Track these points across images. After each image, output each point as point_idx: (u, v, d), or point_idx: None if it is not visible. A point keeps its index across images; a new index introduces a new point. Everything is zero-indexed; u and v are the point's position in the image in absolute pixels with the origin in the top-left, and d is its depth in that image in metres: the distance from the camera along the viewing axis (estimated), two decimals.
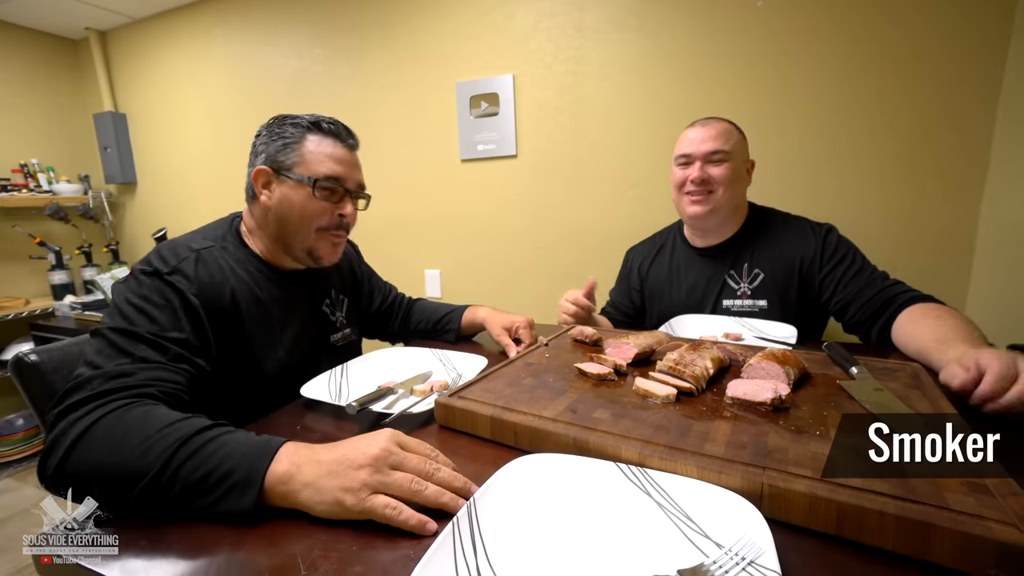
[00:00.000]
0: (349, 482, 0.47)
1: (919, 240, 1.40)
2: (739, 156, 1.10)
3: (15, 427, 2.38)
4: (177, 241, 0.81)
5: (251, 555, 0.44)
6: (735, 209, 1.14)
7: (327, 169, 0.85)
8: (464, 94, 1.89)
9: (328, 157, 0.85)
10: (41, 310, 2.46)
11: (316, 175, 0.84)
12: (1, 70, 2.56)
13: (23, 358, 0.79)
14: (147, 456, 0.51)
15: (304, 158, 0.84)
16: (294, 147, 0.84)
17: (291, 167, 0.84)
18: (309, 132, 0.86)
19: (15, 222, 2.56)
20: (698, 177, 1.08)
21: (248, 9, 2.29)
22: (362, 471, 0.47)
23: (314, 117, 0.87)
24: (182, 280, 0.73)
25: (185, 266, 0.75)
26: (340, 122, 0.90)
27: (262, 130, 0.88)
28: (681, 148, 1.13)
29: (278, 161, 0.84)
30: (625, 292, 1.34)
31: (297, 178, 0.83)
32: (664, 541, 0.42)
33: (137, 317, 0.68)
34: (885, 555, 0.40)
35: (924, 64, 1.32)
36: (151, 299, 0.70)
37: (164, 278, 0.72)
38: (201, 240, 0.83)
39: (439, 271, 2.10)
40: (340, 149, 0.88)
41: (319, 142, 0.86)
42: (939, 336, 0.80)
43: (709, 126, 1.10)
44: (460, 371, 0.87)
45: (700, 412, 0.60)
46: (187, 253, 0.77)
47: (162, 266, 0.73)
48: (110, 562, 0.44)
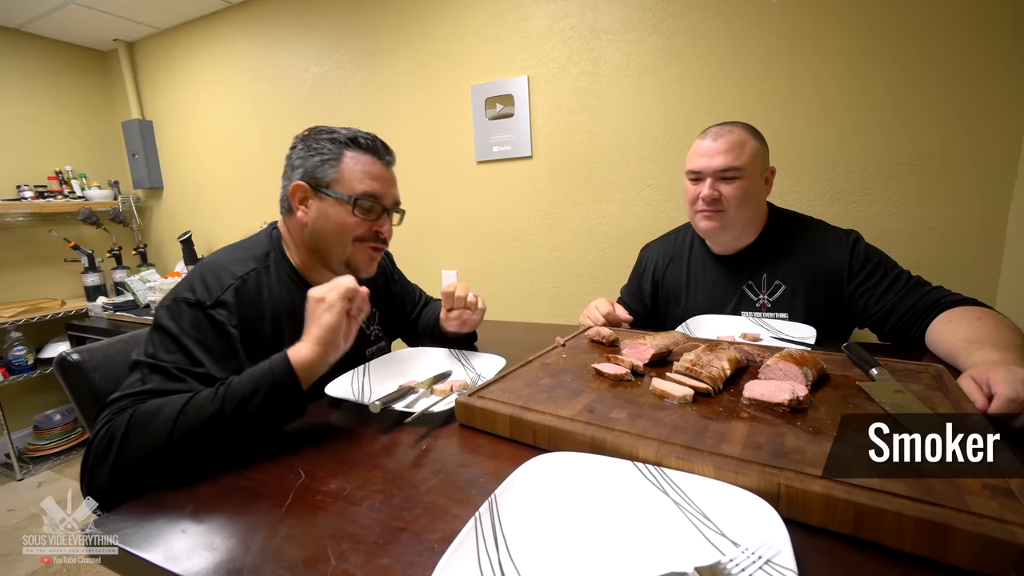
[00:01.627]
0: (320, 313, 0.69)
1: (943, 235, 1.37)
2: (755, 169, 1.03)
3: (53, 422, 2.49)
4: (221, 262, 0.82)
5: (284, 545, 0.46)
6: (747, 224, 1.08)
7: (365, 187, 0.85)
8: (479, 96, 1.90)
9: (366, 174, 0.85)
10: (76, 311, 2.56)
11: (355, 192, 0.84)
12: (37, 82, 2.67)
13: (66, 357, 0.83)
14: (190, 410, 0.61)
15: (342, 175, 0.84)
16: (332, 163, 0.84)
17: (329, 183, 0.84)
18: (347, 148, 0.85)
19: (51, 227, 2.67)
20: (708, 196, 1.03)
21: (268, 17, 2.35)
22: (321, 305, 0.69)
23: (351, 132, 0.87)
24: (222, 312, 0.75)
25: (228, 296, 0.77)
26: (378, 138, 0.89)
27: (297, 143, 0.88)
28: (692, 163, 1.07)
29: (316, 177, 0.84)
30: (637, 293, 1.31)
31: (336, 195, 0.84)
32: (681, 539, 0.43)
33: (170, 347, 0.71)
34: (903, 556, 0.40)
35: (955, 51, 1.29)
36: (188, 332, 0.72)
37: (206, 311, 0.74)
38: (244, 262, 0.83)
39: (455, 272, 2.13)
40: (378, 166, 0.88)
41: (357, 159, 0.86)
42: (970, 337, 0.78)
43: (721, 138, 1.03)
44: (479, 371, 0.89)
45: (717, 413, 0.61)
46: (230, 280, 0.79)
47: (205, 297, 0.75)
48: (154, 548, 0.47)
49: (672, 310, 1.23)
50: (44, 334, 2.62)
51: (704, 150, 1.05)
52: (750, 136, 1.04)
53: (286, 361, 0.66)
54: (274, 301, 0.83)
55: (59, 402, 2.68)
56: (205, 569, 0.44)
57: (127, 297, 2.59)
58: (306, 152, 0.86)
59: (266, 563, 0.44)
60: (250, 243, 0.90)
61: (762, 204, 1.10)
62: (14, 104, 2.59)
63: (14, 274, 2.61)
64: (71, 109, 2.82)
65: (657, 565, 0.40)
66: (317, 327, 0.68)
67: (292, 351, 0.67)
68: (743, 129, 1.05)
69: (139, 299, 2.48)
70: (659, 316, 1.28)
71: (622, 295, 1.37)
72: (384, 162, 0.89)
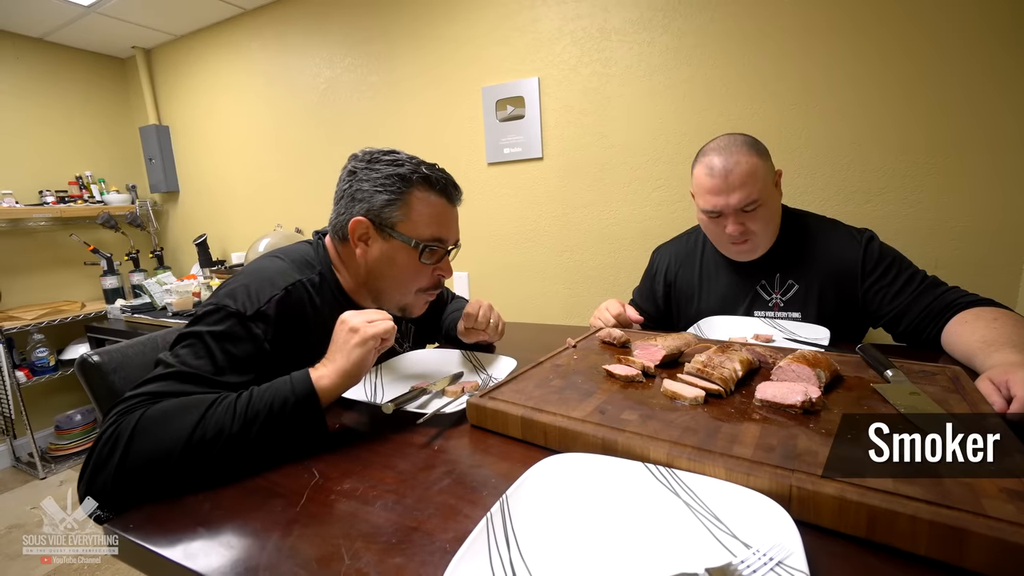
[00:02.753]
0: (351, 344, 0.68)
1: (961, 234, 1.35)
2: (769, 188, 1.00)
3: (74, 422, 2.54)
4: (268, 268, 0.79)
5: (298, 544, 0.47)
6: (774, 234, 1.07)
7: (433, 231, 0.81)
8: (490, 98, 1.91)
9: (436, 218, 0.82)
10: (95, 313, 2.62)
11: (422, 238, 0.80)
12: (58, 89, 2.74)
13: (87, 359, 0.86)
14: (208, 423, 0.59)
15: (411, 216, 0.80)
16: (400, 203, 0.79)
17: (395, 224, 0.80)
18: (417, 188, 0.80)
19: (72, 231, 2.73)
20: (736, 232, 1.01)
21: (282, 22, 2.39)
22: (348, 334, 0.68)
23: (417, 167, 0.81)
24: (260, 325, 0.72)
25: (269, 309, 0.74)
26: (447, 173, 0.85)
27: (358, 169, 0.81)
28: (707, 202, 1.01)
29: (381, 216, 0.79)
30: (649, 295, 1.30)
31: (402, 239, 0.80)
32: (692, 540, 0.43)
33: (200, 352, 0.69)
34: (918, 560, 0.40)
35: (971, 50, 1.27)
36: (222, 344, 0.70)
37: (245, 323, 0.71)
38: (293, 271, 0.80)
39: (467, 274, 2.14)
40: (447, 207, 0.84)
41: (426, 199, 0.81)
42: (988, 339, 0.77)
43: (731, 173, 0.97)
44: (491, 372, 0.90)
45: (728, 414, 0.61)
46: (274, 292, 0.75)
47: (247, 306, 0.72)
48: (173, 545, 0.48)
49: (685, 311, 1.23)
50: (65, 336, 2.68)
51: (716, 188, 0.99)
52: (756, 158, 0.99)
53: (308, 383, 0.64)
54: (319, 317, 0.80)
55: (80, 402, 2.74)
56: (222, 566, 0.45)
57: (144, 299, 2.64)
58: (372, 186, 0.79)
59: (281, 561, 0.45)
60: (296, 253, 0.86)
61: (780, 211, 1.09)
62: (37, 111, 2.67)
63: (36, 277, 2.67)
64: (91, 115, 2.89)
65: (668, 566, 0.40)
66: (345, 359, 0.67)
67: (314, 374, 0.66)
68: (746, 153, 0.98)
69: (156, 301, 2.53)
70: (672, 317, 1.28)
71: (634, 297, 1.37)
72: (452, 203, 0.85)
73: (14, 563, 1.78)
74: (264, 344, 0.73)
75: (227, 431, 0.59)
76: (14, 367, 2.35)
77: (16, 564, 1.77)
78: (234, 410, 0.61)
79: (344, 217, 0.82)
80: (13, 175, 2.58)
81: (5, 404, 2.37)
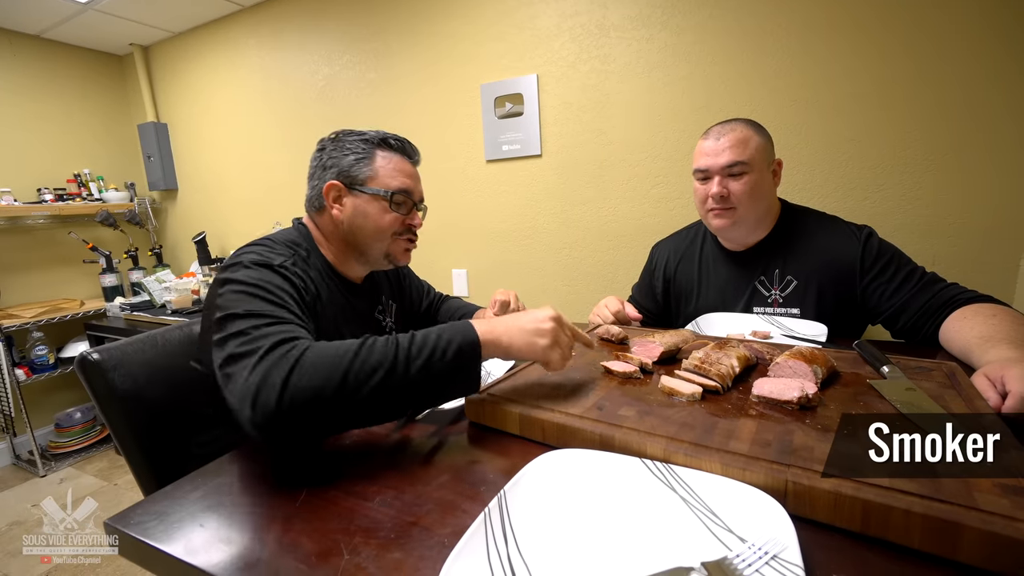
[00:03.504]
0: (541, 329, 0.67)
1: (959, 231, 1.35)
2: (761, 162, 1.03)
3: (74, 420, 2.55)
4: (262, 247, 0.82)
5: (298, 539, 0.47)
6: (760, 219, 1.08)
7: (399, 183, 0.90)
8: (489, 95, 1.91)
9: (398, 171, 0.91)
10: (95, 311, 2.62)
11: (390, 188, 0.89)
12: (56, 87, 2.73)
13: (87, 356, 0.86)
14: (370, 359, 0.58)
15: (377, 173, 0.89)
16: (366, 162, 0.89)
17: (364, 181, 0.89)
18: (379, 148, 0.90)
19: (71, 229, 2.73)
20: (717, 193, 1.03)
21: (280, 20, 2.38)
22: (548, 324, 0.67)
23: (380, 134, 0.92)
24: (288, 273, 0.76)
25: (288, 263, 0.78)
26: (406, 139, 0.94)
27: (326, 144, 0.92)
28: (698, 162, 1.07)
29: (351, 176, 0.88)
30: (648, 292, 1.31)
31: (372, 192, 0.88)
32: (688, 534, 0.43)
33: (260, 292, 0.69)
34: (911, 553, 0.40)
35: (971, 50, 1.27)
36: (269, 280, 0.72)
37: (275, 269, 0.75)
38: (284, 249, 0.84)
39: (466, 271, 2.14)
40: (408, 164, 0.93)
41: (388, 158, 0.90)
42: (985, 335, 0.77)
43: (724, 136, 1.03)
44: (488, 369, 0.90)
45: (726, 410, 0.61)
46: (280, 257, 0.79)
47: (272, 258, 0.77)
48: (174, 541, 0.48)
49: (684, 307, 1.23)
50: (64, 334, 2.68)
51: (709, 149, 1.05)
52: (753, 131, 1.04)
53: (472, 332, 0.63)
54: (311, 279, 0.83)
55: (79, 400, 2.74)
56: (222, 562, 0.45)
57: (143, 297, 2.64)
58: (338, 152, 0.89)
59: (281, 556, 0.45)
60: (281, 236, 0.90)
61: (772, 197, 1.09)
62: (35, 109, 2.66)
63: (35, 275, 2.67)
64: (89, 113, 2.88)
65: (664, 560, 0.40)
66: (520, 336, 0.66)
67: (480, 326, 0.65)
68: (745, 125, 1.05)
69: (155, 299, 2.53)
70: (671, 313, 1.29)
71: (633, 293, 1.37)
72: (413, 161, 0.95)
73: (15, 560, 1.78)
74: (299, 285, 0.76)
75: (387, 363, 0.58)
76: (14, 365, 2.35)
77: (17, 561, 1.78)
78: (396, 345, 0.60)
79: (317, 186, 0.91)
80: (11, 173, 2.57)
81: (5, 402, 2.37)
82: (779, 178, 1.10)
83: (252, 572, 0.44)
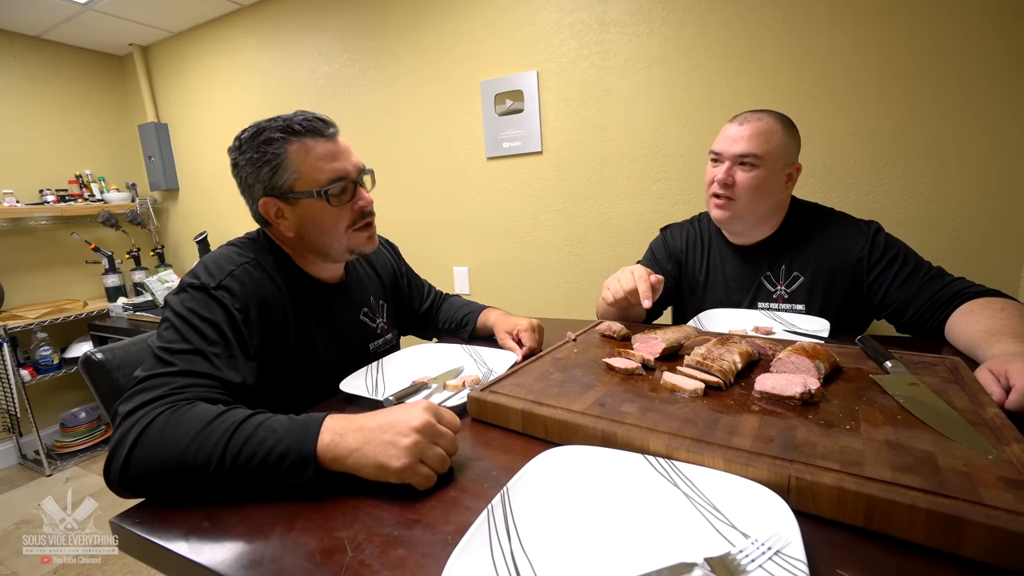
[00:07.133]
0: (395, 449, 0.52)
1: (963, 224, 1.35)
2: (776, 160, 1.01)
3: (79, 419, 2.56)
4: (220, 254, 0.83)
5: (302, 537, 0.47)
6: (761, 217, 1.07)
7: (328, 172, 0.81)
8: (489, 92, 1.91)
9: (320, 159, 0.81)
10: (98, 311, 2.63)
11: (321, 183, 0.81)
12: (56, 88, 2.73)
13: (91, 356, 0.86)
14: (201, 451, 0.55)
15: (300, 171, 0.80)
16: (283, 166, 0.80)
17: (292, 187, 0.81)
18: (288, 143, 0.80)
19: (73, 230, 2.73)
20: (722, 180, 1.02)
21: (279, 18, 2.37)
22: (407, 439, 0.52)
23: (284, 122, 0.81)
24: (226, 296, 0.75)
25: (230, 282, 0.76)
26: (312, 114, 0.83)
27: (238, 159, 0.83)
28: (716, 144, 1.06)
29: (277, 187, 0.81)
30: (657, 271, 1.17)
31: (305, 195, 0.81)
32: (691, 530, 0.43)
33: (184, 329, 0.70)
34: (916, 548, 0.40)
35: (972, 47, 1.26)
36: (198, 312, 0.72)
37: (211, 293, 0.74)
38: (243, 253, 0.84)
39: (467, 268, 2.14)
40: (326, 143, 0.82)
41: (302, 148, 0.80)
42: (991, 328, 0.76)
43: (748, 123, 1.01)
44: (491, 366, 0.90)
45: (728, 406, 0.61)
46: (231, 267, 0.79)
47: (209, 280, 0.75)
48: (179, 540, 0.48)
49: (690, 299, 1.22)
50: (68, 334, 2.69)
51: (729, 134, 1.04)
52: (780, 126, 1.02)
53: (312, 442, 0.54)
54: (275, 290, 0.82)
55: (84, 400, 2.76)
56: (227, 559, 0.46)
57: (146, 297, 2.65)
58: (252, 167, 0.81)
59: (285, 554, 0.45)
60: (246, 239, 0.90)
61: (778, 198, 1.07)
62: (36, 110, 2.66)
63: (38, 276, 2.68)
64: (90, 114, 2.88)
65: (667, 556, 0.40)
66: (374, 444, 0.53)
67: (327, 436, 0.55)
68: (774, 118, 1.02)
69: (157, 299, 2.53)
70: (677, 303, 1.26)
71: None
72: (329, 137, 0.83)
73: (22, 559, 1.80)
74: (233, 312, 0.74)
75: (215, 458, 0.54)
76: (18, 365, 2.36)
77: (23, 560, 1.79)
78: (230, 438, 0.55)
79: (253, 206, 0.85)
80: (13, 174, 2.58)
81: (10, 402, 2.38)
82: (794, 183, 1.07)
83: (256, 569, 0.44)
